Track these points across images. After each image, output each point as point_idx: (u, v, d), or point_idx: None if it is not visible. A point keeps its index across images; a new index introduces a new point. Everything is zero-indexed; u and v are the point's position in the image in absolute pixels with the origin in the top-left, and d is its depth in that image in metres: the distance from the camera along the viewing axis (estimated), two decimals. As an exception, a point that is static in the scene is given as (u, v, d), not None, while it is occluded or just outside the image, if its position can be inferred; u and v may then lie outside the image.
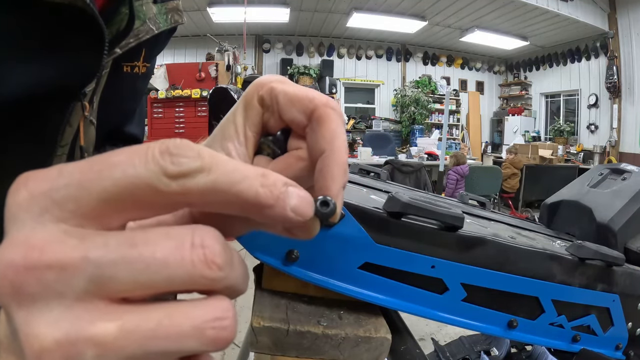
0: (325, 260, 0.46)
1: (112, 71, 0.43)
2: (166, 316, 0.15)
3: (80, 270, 0.14)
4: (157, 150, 0.16)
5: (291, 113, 0.25)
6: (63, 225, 0.15)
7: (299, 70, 8.50)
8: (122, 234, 0.15)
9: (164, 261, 0.15)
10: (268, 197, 0.17)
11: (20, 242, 0.14)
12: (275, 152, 0.27)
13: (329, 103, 0.25)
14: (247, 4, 5.89)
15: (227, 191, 0.16)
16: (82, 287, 0.14)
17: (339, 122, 0.24)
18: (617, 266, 0.60)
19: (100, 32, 0.35)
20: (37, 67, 0.34)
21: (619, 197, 0.79)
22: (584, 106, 8.09)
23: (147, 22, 0.44)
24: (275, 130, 0.27)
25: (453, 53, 9.69)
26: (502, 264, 0.52)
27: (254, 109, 0.27)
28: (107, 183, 0.15)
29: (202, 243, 0.15)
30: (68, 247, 0.14)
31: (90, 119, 0.44)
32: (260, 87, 0.26)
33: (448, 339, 1.40)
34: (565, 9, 6.74)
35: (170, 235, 0.15)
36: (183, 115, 4.94)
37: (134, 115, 0.57)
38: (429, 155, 5.85)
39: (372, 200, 0.56)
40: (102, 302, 0.14)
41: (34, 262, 0.14)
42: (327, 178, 0.23)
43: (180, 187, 0.16)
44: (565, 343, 0.58)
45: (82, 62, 0.37)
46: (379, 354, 0.45)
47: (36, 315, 0.14)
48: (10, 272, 0.14)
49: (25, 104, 0.35)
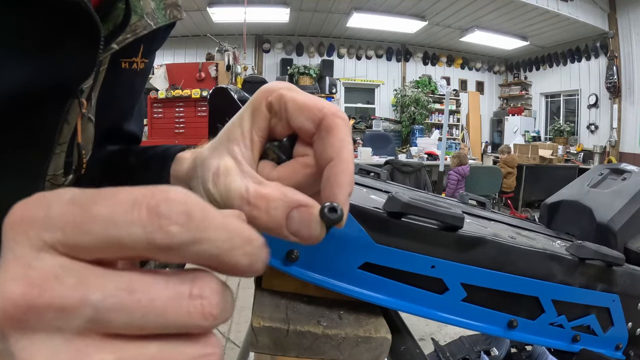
0: (325, 260, 0.46)
1: (110, 67, 0.43)
2: (159, 352, 0.15)
3: (80, 312, 0.14)
4: (144, 211, 0.15)
5: (300, 120, 0.26)
6: (59, 259, 0.15)
7: (299, 70, 8.49)
8: (120, 276, 0.15)
9: (162, 310, 0.15)
10: (248, 264, 0.17)
11: (19, 277, 0.15)
12: (281, 157, 0.27)
13: (338, 113, 0.26)
14: (247, 4, 5.89)
15: (213, 259, 0.17)
16: (81, 325, 0.15)
17: (346, 132, 0.25)
18: (617, 266, 0.60)
19: (95, 27, 0.35)
20: (30, 64, 0.34)
21: (619, 197, 0.79)
22: (584, 106, 8.09)
23: (144, 17, 0.43)
24: (282, 137, 0.28)
25: (453, 53, 9.69)
26: (502, 264, 0.52)
27: (261, 114, 0.27)
28: (88, 238, 0.15)
29: (201, 294, 0.16)
30: (66, 288, 0.15)
31: (88, 116, 0.43)
32: (269, 93, 0.27)
33: (448, 339, 1.40)
34: (565, 9, 6.74)
35: (169, 284, 0.16)
36: (183, 115, 4.93)
37: (132, 113, 0.56)
38: (429, 155, 5.85)
39: (372, 200, 0.56)
40: (99, 337, 0.15)
41: (33, 300, 0.14)
42: (335, 186, 0.23)
43: (166, 257, 0.16)
44: (565, 343, 0.58)
45: (77, 59, 0.36)
46: (379, 354, 0.45)
47: (36, 344, 0.14)
48: (10, 306, 0.14)
49: (20, 101, 0.34)
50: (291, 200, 0.22)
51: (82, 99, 0.39)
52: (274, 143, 0.28)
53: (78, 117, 0.41)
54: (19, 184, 0.38)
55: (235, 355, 1.27)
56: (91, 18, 0.34)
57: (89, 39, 0.36)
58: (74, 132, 0.41)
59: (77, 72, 0.37)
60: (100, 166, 0.49)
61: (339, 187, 0.23)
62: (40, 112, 0.37)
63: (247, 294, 3.15)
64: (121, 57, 0.44)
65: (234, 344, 2.43)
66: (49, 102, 0.37)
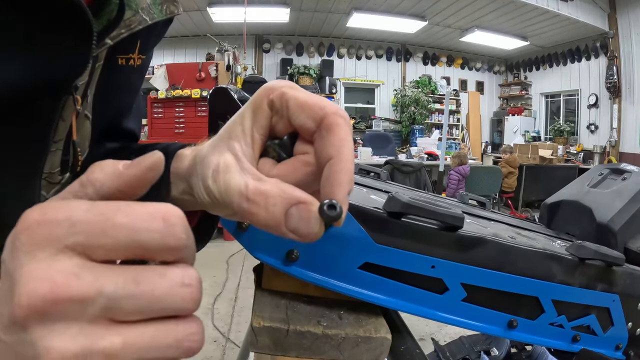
0: (325, 260, 0.46)
1: (106, 64, 0.42)
2: (156, 332, 0.19)
3: (95, 302, 0.18)
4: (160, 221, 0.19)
5: (301, 119, 0.26)
6: (76, 259, 0.18)
7: (299, 70, 8.49)
8: (127, 271, 0.19)
9: (161, 297, 0.19)
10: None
11: (44, 276, 0.17)
12: (281, 155, 0.27)
13: (339, 112, 0.26)
14: (247, 4, 5.88)
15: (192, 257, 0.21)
16: (95, 313, 0.18)
17: (347, 130, 0.25)
18: (617, 266, 0.60)
19: (87, 22, 0.34)
20: (22, 60, 0.33)
21: (619, 197, 0.79)
22: (584, 106, 8.09)
23: (139, 12, 0.42)
24: (282, 135, 0.28)
25: (453, 53, 9.69)
26: (502, 264, 0.52)
27: (263, 112, 0.27)
28: (112, 241, 0.18)
29: (190, 283, 0.19)
30: (85, 283, 0.17)
31: (85, 113, 0.43)
32: (271, 91, 0.27)
33: (448, 339, 1.40)
34: (565, 9, 6.74)
35: (165, 276, 0.19)
36: (183, 115, 4.92)
37: (130, 110, 0.56)
38: (429, 155, 5.84)
39: (372, 200, 0.56)
40: (108, 322, 0.18)
41: (59, 295, 0.17)
42: (334, 184, 0.23)
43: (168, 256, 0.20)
44: (565, 343, 0.58)
45: (70, 54, 0.36)
46: (379, 354, 0.45)
47: (56, 332, 0.17)
48: (39, 301, 0.17)
49: (12, 97, 0.34)
50: (290, 196, 0.22)
51: (76, 96, 0.39)
52: (274, 141, 0.28)
53: (73, 114, 0.41)
54: (17, 182, 0.38)
55: (235, 355, 1.27)
56: (83, 13, 0.34)
57: (81, 34, 0.35)
58: (69, 129, 0.41)
59: (71, 68, 0.37)
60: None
61: (338, 185, 0.23)
62: (34, 108, 0.37)
63: (247, 294, 3.15)
64: (117, 53, 0.44)
65: (234, 344, 2.43)
66: (43, 99, 0.37)
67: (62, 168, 0.43)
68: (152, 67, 5.38)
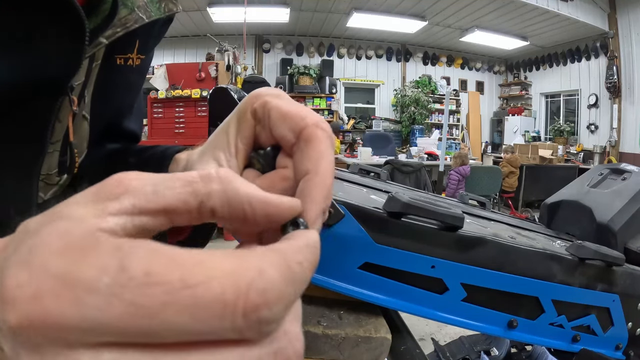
0: (325, 260, 0.46)
1: (104, 63, 0.42)
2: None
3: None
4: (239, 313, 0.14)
5: (281, 130, 0.25)
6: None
7: (299, 70, 8.49)
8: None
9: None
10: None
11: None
12: (265, 167, 0.26)
13: (320, 124, 0.24)
14: (247, 4, 5.88)
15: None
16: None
17: (327, 143, 0.24)
18: (617, 266, 0.60)
19: (79, 20, 0.34)
20: (14, 58, 0.33)
21: (619, 197, 0.79)
22: (584, 106, 8.09)
23: (135, 11, 0.41)
24: (266, 145, 0.27)
25: (453, 53, 9.69)
26: (502, 264, 0.52)
27: (247, 122, 0.26)
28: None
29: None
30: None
31: (82, 114, 0.43)
32: (255, 100, 0.26)
33: (448, 339, 1.40)
34: (565, 9, 6.74)
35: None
36: (183, 115, 4.91)
37: (131, 111, 0.56)
38: (429, 155, 5.84)
39: (372, 200, 0.56)
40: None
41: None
42: (307, 201, 0.22)
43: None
44: (565, 343, 0.58)
45: (63, 53, 0.35)
46: (379, 354, 0.45)
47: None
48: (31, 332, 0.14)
49: (6, 96, 0.33)
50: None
51: (72, 96, 0.39)
52: (259, 152, 0.27)
53: (69, 115, 0.40)
54: (14, 183, 0.38)
55: (235, 355, 1.27)
56: (75, 10, 0.33)
57: (73, 32, 0.35)
58: (67, 130, 0.41)
59: (63, 67, 0.36)
60: (100, 165, 0.49)
61: (311, 202, 0.21)
62: (30, 109, 0.37)
63: (247, 294, 3.13)
64: (116, 53, 0.43)
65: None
66: (38, 99, 0.37)
67: (59, 169, 0.43)
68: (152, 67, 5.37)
